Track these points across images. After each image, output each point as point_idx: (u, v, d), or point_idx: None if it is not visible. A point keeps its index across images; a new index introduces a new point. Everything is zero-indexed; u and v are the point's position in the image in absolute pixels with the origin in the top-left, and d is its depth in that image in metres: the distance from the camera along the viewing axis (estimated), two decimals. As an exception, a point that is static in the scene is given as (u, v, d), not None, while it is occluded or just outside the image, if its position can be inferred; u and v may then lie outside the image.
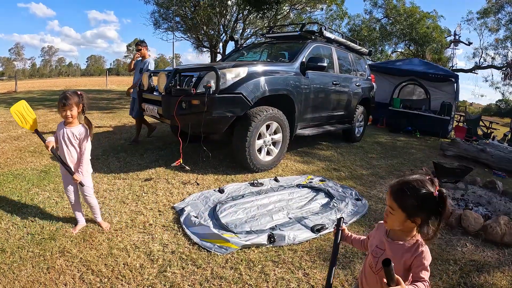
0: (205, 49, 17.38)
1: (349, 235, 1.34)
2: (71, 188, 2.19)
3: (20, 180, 3.04)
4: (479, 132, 8.99)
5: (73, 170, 2.11)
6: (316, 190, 3.22)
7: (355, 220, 2.66)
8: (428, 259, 1.04)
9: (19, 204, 2.54)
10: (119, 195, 2.82)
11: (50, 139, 2.08)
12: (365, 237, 1.31)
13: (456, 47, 18.13)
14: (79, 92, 2.08)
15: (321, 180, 3.52)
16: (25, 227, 2.19)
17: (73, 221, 2.29)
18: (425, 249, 1.05)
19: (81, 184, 2.14)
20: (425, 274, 1.02)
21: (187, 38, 16.50)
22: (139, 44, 4.65)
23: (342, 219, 1.31)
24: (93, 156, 2.88)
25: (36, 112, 7.09)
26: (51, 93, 13.12)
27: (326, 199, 3.01)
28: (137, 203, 2.69)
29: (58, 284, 1.68)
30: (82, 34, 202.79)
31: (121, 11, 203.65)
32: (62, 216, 2.38)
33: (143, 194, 2.88)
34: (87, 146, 2.13)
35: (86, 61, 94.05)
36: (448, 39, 18.18)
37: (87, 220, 2.32)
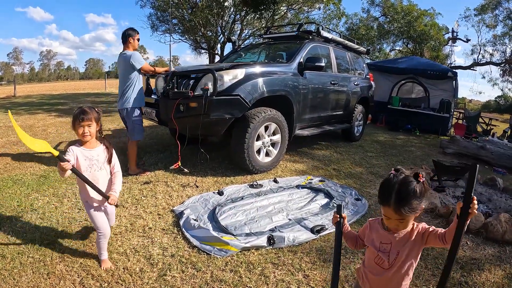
0: (203, 51, 17.40)
1: (346, 226, 1.35)
2: (103, 217, 1.90)
3: (20, 185, 3.03)
4: (479, 129, 8.97)
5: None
6: (316, 190, 3.22)
7: (355, 220, 2.65)
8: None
9: (19, 209, 2.54)
10: (118, 199, 2.81)
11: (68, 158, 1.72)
12: (356, 233, 1.33)
13: (454, 44, 18.16)
14: (97, 109, 1.82)
15: (320, 181, 3.51)
16: (25, 233, 2.19)
17: (74, 225, 2.29)
18: (419, 222, 1.19)
19: (117, 205, 1.95)
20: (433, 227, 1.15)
21: (185, 40, 16.50)
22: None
23: (341, 206, 1.32)
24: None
25: (35, 116, 7.18)
26: (50, 97, 13.13)
27: (326, 200, 3.01)
28: (136, 206, 2.69)
29: (58, 290, 1.68)
30: (80, 38, 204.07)
31: (119, 14, 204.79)
32: (61, 221, 2.38)
33: (143, 197, 2.88)
34: (116, 161, 1.94)
35: (85, 65, 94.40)
36: (446, 36, 18.23)
37: (86, 224, 2.32)
